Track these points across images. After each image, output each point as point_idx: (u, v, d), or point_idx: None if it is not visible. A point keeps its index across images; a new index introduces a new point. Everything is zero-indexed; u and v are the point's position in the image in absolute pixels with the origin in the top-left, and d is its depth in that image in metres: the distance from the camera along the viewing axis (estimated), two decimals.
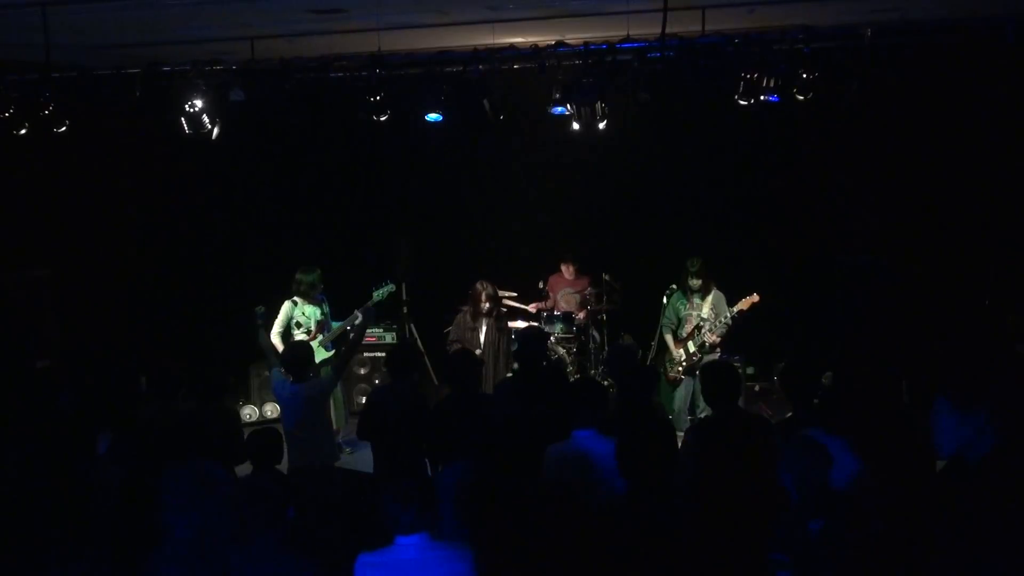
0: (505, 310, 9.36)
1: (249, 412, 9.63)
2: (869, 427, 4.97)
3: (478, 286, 8.41)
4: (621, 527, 4.03)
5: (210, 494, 4.49)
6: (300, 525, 4.48)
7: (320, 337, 8.40)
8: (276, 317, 8.40)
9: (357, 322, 7.78)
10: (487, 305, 8.36)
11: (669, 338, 8.55)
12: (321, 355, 8.18)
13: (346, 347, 6.98)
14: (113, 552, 4.62)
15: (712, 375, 5.45)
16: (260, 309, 7.59)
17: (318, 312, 8.54)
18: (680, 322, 8.50)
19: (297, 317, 8.45)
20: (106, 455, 5.63)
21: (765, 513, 4.20)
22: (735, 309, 8.25)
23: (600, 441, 4.94)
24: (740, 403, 5.98)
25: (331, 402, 8.22)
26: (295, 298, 8.47)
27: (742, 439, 5.08)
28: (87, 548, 4.57)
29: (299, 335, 8.36)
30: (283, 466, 5.58)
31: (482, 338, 8.31)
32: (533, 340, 6.57)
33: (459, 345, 8.27)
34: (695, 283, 8.33)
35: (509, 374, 8.14)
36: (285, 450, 5.53)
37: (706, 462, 4.95)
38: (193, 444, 5.23)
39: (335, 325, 8.58)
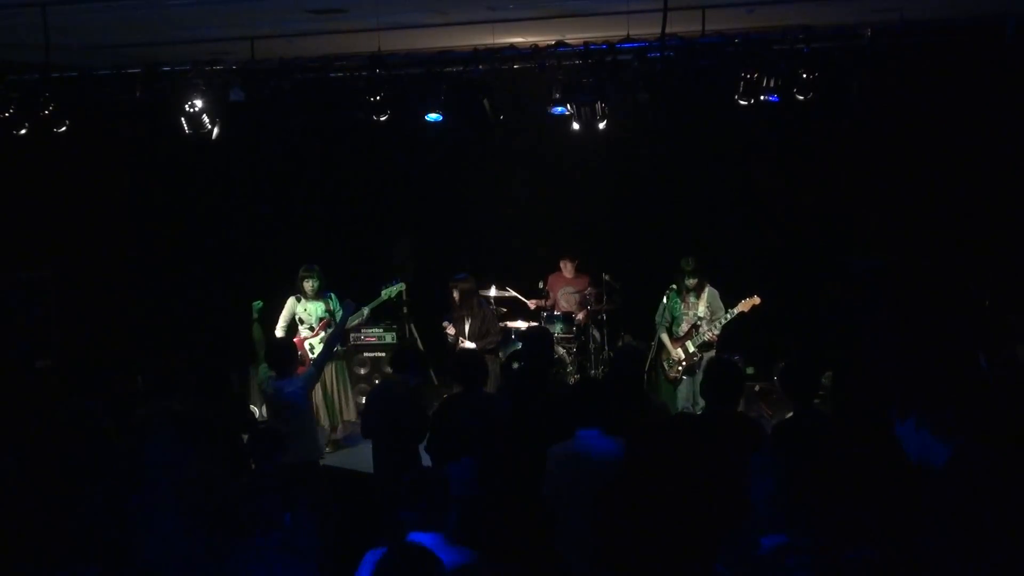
0: (505, 310, 9.41)
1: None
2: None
3: (450, 282, 8.69)
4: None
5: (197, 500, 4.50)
6: (297, 526, 4.46)
7: (323, 334, 8.42)
8: (278, 313, 8.53)
9: (340, 316, 7.83)
10: (457, 296, 8.61)
11: (664, 337, 8.56)
12: None
13: (326, 342, 6.98)
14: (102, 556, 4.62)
15: (715, 373, 5.44)
16: (257, 304, 7.62)
17: (321, 309, 8.57)
18: (675, 321, 8.51)
19: (300, 314, 8.54)
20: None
21: (721, 520, 4.04)
22: (735, 310, 8.26)
23: (605, 441, 4.94)
24: (740, 403, 5.98)
25: (319, 400, 8.29)
26: (298, 295, 8.53)
27: (723, 441, 5.03)
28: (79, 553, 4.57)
29: (303, 331, 8.42)
30: None
31: (466, 329, 8.52)
32: (538, 339, 6.55)
33: (452, 329, 8.56)
34: (690, 282, 8.36)
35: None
36: None
37: (682, 459, 4.90)
38: (191, 443, 5.22)
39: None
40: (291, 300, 8.56)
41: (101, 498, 4.93)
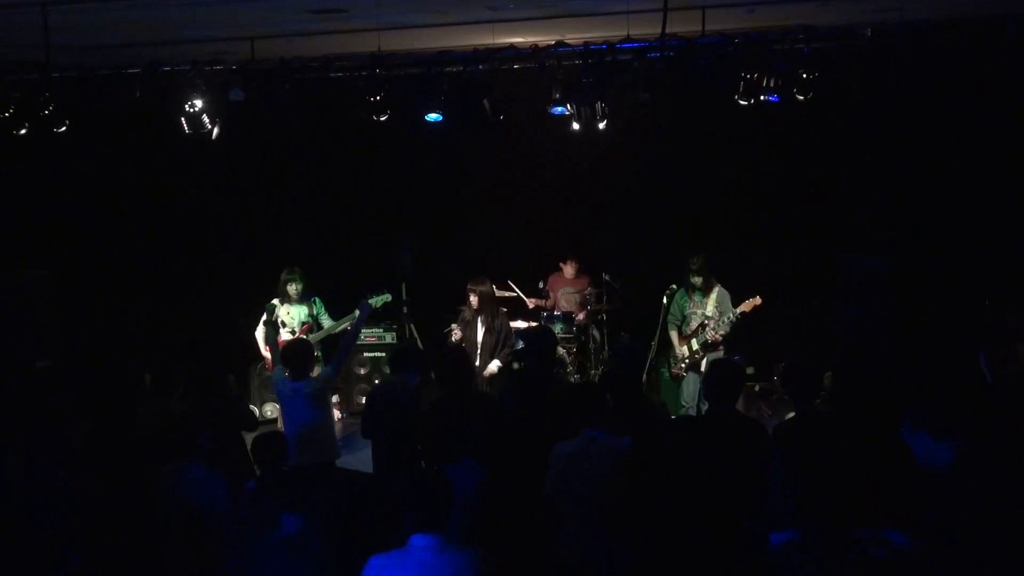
0: (505, 309, 9.36)
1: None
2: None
3: (469, 284, 8.39)
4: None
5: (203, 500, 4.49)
6: (306, 529, 4.45)
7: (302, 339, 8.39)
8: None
9: (354, 321, 7.77)
10: (475, 300, 8.30)
11: (674, 335, 8.56)
12: None
13: (343, 343, 6.95)
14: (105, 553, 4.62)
15: (716, 373, 5.45)
16: (272, 305, 7.63)
17: (304, 312, 8.54)
18: (685, 319, 8.51)
19: (282, 316, 8.50)
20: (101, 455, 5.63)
21: (732, 517, 4.06)
22: (738, 310, 8.26)
23: (610, 440, 4.94)
24: (740, 403, 5.98)
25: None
26: (280, 298, 8.52)
27: (728, 440, 5.03)
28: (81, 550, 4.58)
29: (284, 335, 8.39)
30: None
31: (479, 337, 8.29)
32: (540, 339, 6.52)
33: (459, 333, 8.32)
34: (696, 281, 8.35)
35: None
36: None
37: (686, 459, 4.90)
38: (191, 444, 5.22)
39: (327, 324, 8.54)
40: (274, 302, 8.55)
41: (101, 497, 4.94)
